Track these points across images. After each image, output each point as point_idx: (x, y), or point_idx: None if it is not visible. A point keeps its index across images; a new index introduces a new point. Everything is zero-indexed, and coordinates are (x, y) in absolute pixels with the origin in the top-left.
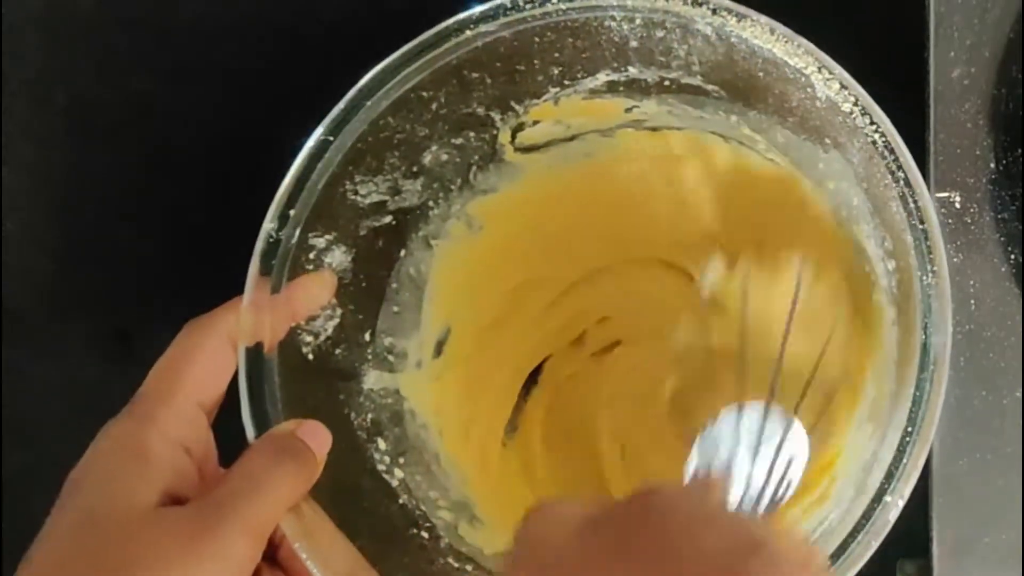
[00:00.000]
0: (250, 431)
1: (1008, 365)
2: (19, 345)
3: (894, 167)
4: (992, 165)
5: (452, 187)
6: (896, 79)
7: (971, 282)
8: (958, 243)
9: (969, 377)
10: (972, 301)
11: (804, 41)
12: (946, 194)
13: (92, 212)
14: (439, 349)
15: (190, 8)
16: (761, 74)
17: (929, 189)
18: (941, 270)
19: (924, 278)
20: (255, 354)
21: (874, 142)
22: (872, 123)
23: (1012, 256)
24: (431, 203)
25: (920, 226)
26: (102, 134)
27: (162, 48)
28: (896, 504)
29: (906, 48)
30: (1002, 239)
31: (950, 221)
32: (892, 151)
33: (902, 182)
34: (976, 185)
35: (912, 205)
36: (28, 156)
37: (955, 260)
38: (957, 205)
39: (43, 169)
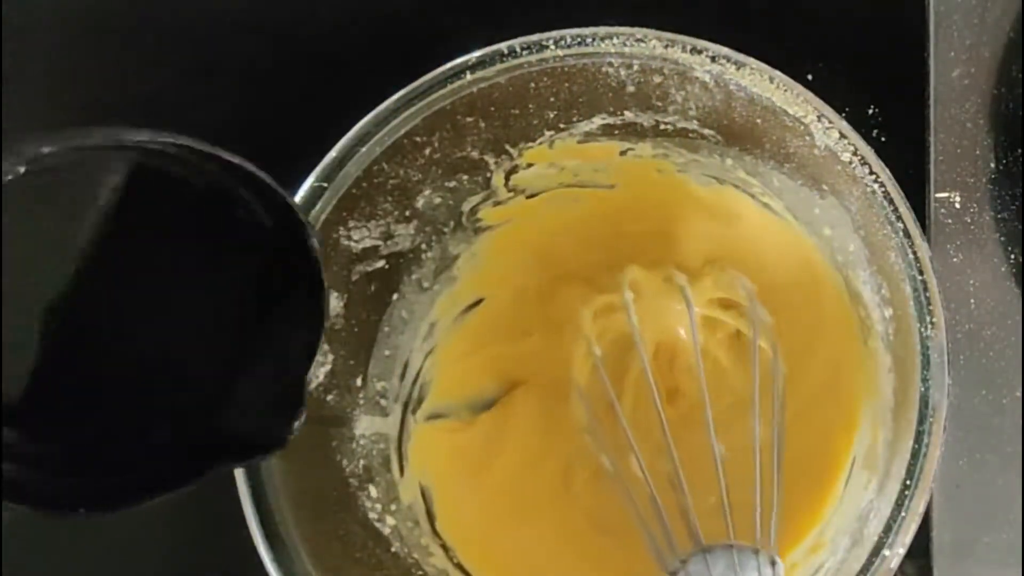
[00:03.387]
0: (241, 480)
1: (1008, 365)
2: None
3: (893, 217)
4: (992, 165)
5: (445, 230)
6: (896, 79)
7: (971, 282)
8: (958, 243)
9: (969, 377)
10: (972, 301)
11: (803, 89)
12: (946, 194)
13: None
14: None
15: (192, 9)
16: (759, 120)
17: (929, 189)
18: (939, 322)
19: (923, 330)
20: None
21: (873, 192)
22: (871, 172)
23: (1012, 256)
24: (424, 246)
25: (919, 277)
26: None
27: (163, 49)
28: (896, 555)
29: (906, 48)
30: (1002, 239)
31: (950, 221)
32: (891, 201)
33: (901, 232)
34: (976, 185)
35: (911, 256)
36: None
37: (955, 260)
38: (957, 205)
39: None
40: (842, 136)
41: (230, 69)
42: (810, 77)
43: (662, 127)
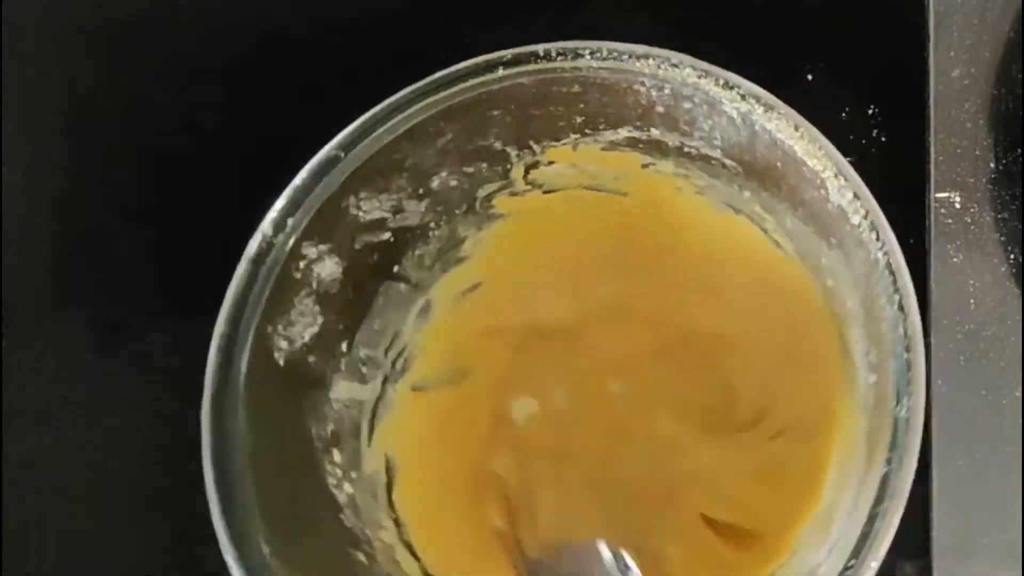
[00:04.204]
0: (206, 424)
1: (1008, 365)
2: (16, 343)
3: (891, 289)
4: (992, 165)
5: (456, 211)
6: (896, 79)
7: (971, 282)
8: (958, 243)
9: (969, 377)
10: (972, 301)
11: (826, 143)
12: (946, 194)
13: (91, 212)
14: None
15: (191, 8)
16: (779, 164)
17: (929, 189)
18: (916, 404)
19: (897, 410)
20: (225, 355)
21: (876, 260)
22: (878, 240)
23: (1012, 256)
24: (432, 224)
25: (905, 355)
26: (102, 134)
27: (162, 48)
28: None
29: (906, 48)
30: (1002, 239)
31: (950, 221)
32: (892, 272)
33: (896, 305)
34: (976, 185)
35: (901, 332)
36: (28, 156)
37: (955, 260)
38: (957, 205)
39: (43, 169)
40: (856, 197)
41: (230, 69)
42: (810, 77)
43: (686, 149)
